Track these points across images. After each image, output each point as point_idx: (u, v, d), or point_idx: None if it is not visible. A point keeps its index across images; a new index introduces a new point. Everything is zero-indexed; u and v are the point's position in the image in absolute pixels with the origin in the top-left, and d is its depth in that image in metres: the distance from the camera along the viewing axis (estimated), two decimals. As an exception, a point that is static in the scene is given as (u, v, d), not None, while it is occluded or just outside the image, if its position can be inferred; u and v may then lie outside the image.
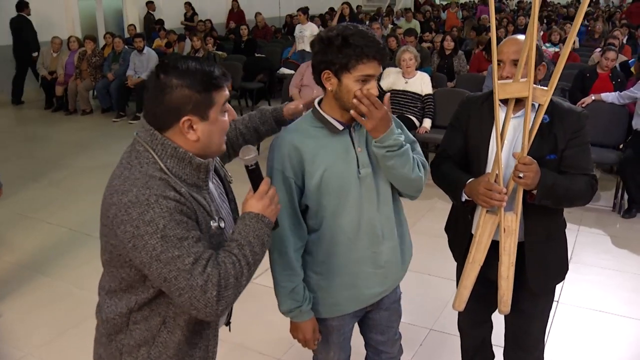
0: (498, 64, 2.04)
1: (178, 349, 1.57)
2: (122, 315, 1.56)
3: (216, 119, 1.49)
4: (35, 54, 9.80)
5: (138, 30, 11.24)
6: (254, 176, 1.57)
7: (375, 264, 1.97)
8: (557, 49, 8.84)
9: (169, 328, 1.55)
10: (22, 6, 9.83)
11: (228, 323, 1.95)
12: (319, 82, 1.83)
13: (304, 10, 9.80)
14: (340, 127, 1.85)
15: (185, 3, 13.56)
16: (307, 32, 9.36)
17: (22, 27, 9.79)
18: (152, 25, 12.53)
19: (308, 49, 8.96)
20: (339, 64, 1.74)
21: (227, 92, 1.52)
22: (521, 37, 2.05)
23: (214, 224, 1.52)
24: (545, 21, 13.30)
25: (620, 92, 5.59)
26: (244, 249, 1.45)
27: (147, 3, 13.15)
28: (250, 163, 1.58)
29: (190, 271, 1.36)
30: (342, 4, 10.26)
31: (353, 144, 1.87)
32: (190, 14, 13.35)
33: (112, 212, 1.41)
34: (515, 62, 2.00)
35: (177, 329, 1.55)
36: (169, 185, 1.43)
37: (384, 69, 6.55)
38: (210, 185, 1.62)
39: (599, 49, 6.79)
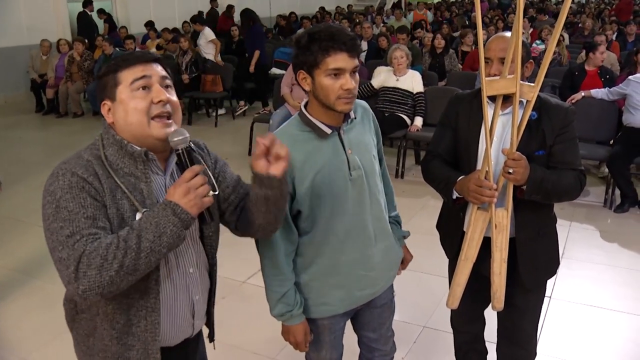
0: (486, 62, 2.06)
1: (106, 344, 1.56)
2: (69, 301, 1.60)
3: (125, 98, 1.49)
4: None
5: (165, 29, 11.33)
6: (180, 162, 1.48)
7: (367, 266, 1.97)
8: (547, 46, 8.88)
9: (101, 319, 1.55)
10: (86, 3, 11.30)
11: (212, 340, 1.91)
12: (300, 85, 1.83)
13: (194, 19, 10.16)
14: (329, 131, 1.83)
15: (99, 10, 12.29)
16: (201, 40, 9.45)
17: (85, 23, 11.26)
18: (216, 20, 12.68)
19: (207, 56, 9.16)
20: (309, 61, 1.74)
21: (139, 70, 1.50)
22: (509, 34, 2.06)
23: (138, 215, 1.48)
24: (535, 18, 13.32)
25: (610, 88, 5.63)
26: (130, 233, 1.37)
27: (210, 0, 13.77)
28: (177, 146, 1.48)
29: (63, 243, 1.37)
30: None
31: (343, 146, 1.86)
32: (105, 18, 12.21)
33: None
34: (503, 60, 2.01)
35: (105, 321, 1.54)
36: (89, 167, 1.45)
37: (375, 66, 6.57)
38: (157, 178, 1.57)
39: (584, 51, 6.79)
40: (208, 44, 9.36)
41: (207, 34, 9.45)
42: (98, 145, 1.53)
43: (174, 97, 1.56)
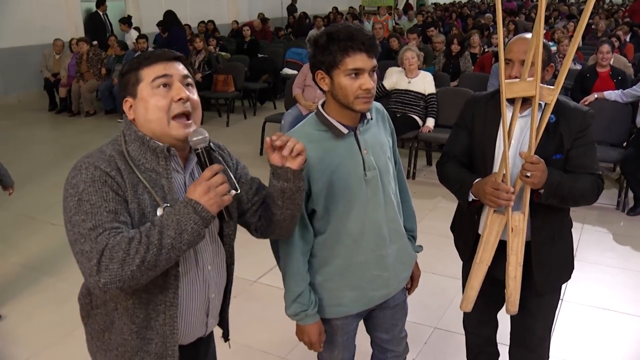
0: (507, 63, 2.04)
1: (125, 339, 1.56)
2: (85, 296, 1.61)
3: (146, 96, 1.51)
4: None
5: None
6: (200, 162, 1.50)
7: (381, 266, 1.97)
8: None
9: (119, 314, 1.56)
10: (99, 3, 11.44)
11: (227, 339, 1.91)
12: (318, 85, 1.83)
13: (123, 20, 11.23)
14: (345, 131, 1.83)
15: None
16: (128, 41, 10.53)
17: (95, 22, 11.41)
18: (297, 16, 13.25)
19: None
20: (327, 61, 1.74)
21: (161, 68, 1.52)
22: (530, 36, 2.03)
23: (159, 211, 1.49)
24: (552, 20, 13.25)
25: (623, 90, 5.58)
26: (152, 229, 1.38)
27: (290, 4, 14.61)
28: (197, 146, 1.50)
29: (85, 236, 1.37)
30: None
31: (359, 146, 1.87)
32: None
33: None
34: (524, 62, 1.98)
35: (125, 315, 1.55)
36: (112, 162, 1.46)
37: (386, 66, 6.56)
38: (176, 175, 1.59)
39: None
40: (134, 44, 10.02)
41: (133, 35, 10.43)
42: (120, 141, 1.54)
43: (195, 96, 1.57)
